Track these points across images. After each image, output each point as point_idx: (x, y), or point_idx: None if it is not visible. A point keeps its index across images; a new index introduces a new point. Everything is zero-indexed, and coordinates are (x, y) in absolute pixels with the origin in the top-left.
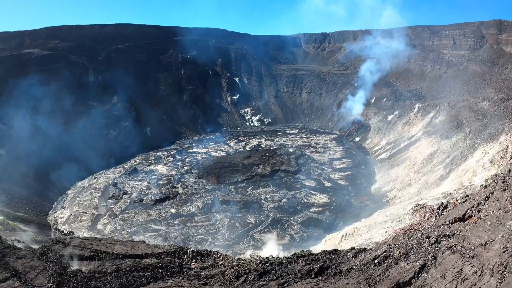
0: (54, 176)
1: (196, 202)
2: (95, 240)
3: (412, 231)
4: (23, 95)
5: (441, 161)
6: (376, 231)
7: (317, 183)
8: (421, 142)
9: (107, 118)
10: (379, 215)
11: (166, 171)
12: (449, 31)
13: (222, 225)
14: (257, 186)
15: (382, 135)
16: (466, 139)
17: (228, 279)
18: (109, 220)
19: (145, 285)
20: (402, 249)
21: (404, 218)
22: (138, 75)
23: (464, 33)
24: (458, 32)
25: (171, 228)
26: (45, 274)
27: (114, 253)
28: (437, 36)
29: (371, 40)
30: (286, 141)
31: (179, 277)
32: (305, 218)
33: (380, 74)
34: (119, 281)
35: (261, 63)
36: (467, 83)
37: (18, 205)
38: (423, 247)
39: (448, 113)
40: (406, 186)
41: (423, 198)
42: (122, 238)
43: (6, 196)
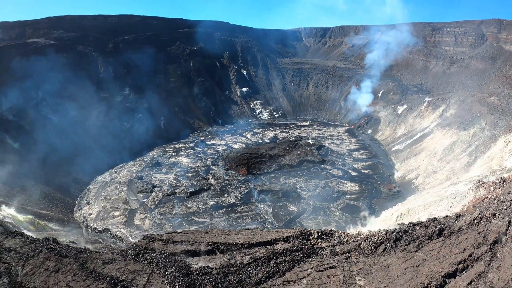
0: (72, 170)
1: (233, 193)
2: (196, 233)
3: (487, 199)
4: (32, 86)
5: (463, 150)
6: (435, 209)
7: (343, 172)
8: (435, 133)
9: (120, 110)
10: (419, 198)
11: (190, 163)
12: (450, 29)
13: (267, 214)
14: (288, 176)
15: (393, 128)
16: (484, 130)
17: (368, 250)
18: (146, 214)
19: (290, 270)
20: (489, 211)
21: (469, 193)
22: (147, 67)
23: (465, 31)
24: (459, 29)
25: (215, 219)
26: (160, 278)
27: (238, 243)
28: (438, 33)
29: (373, 35)
30: (301, 133)
31: (317, 257)
32: (343, 205)
33: (384, 68)
34: (264, 270)
35: (266, 57)
36: (470, 79)
37: (41, 202)
38: (503, 208)
39: (459, 107)
40: (432, 173)
41: (458, 181)
42: (167, 232)
43: (26, 193)
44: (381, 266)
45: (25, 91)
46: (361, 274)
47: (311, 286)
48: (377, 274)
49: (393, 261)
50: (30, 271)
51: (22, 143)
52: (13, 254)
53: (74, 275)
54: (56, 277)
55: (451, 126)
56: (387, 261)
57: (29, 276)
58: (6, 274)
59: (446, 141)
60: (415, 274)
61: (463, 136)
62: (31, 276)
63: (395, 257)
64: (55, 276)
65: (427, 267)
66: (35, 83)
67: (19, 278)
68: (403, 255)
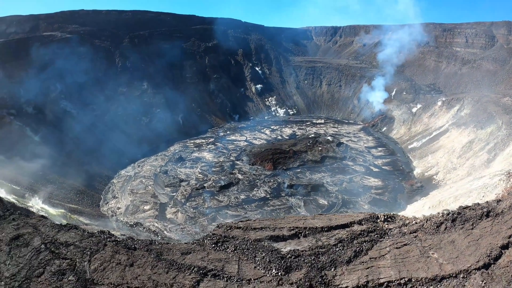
0: (94, 164)
1: (262, 187)
2: (272, 219)
3: None
4: (50, 79)
5: (481, 148)
6: (466, 199)
7: (365, 168)
8: (451, 132)
9: (138, 104)
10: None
11: (214, 158)
12: (461, 30)
13: (300, 207)
14: (312, 171)
15: (408, 126)
16: (501, 129)
17: (432, 229)
18: (177, 208)
19: (371, 248)
20: None
21: (500, 183)
22: (163, 62)
23: (476, 32)
24: (469, 31)
25: (249, 212)
26: (251, 264)
27: (318, 227)
28: (449, 34)
29: (384, 35)
30: (318, 130)
31: (389, 237)
32: (370, 199)
33: (396, 67)
34: (350, 249)
35: (279, 55)
36: (481, 80)
37: (68, 196)
38: None
39: (474, 107)
40: (452, 170)
41: (481, 176)
42: (241, 220)
43: (52, 186)
44: (447, 241)
45: (43, 83)
46: (433, 249)
47: (395, 260)
48: (446, 248)
49: (456, 237)
50: (100, 266)
51: (42, 136)
52: (72, 248)
53: (152, 268)
54: (132, 271)
55: (467, 125)
56: (451, 237)
57: (100, 272)
58: (71, 271)
59: (464, 139)
60: (477, 246)
61: (481, 134)
62: (103, 271)
63: (457, 234)
64: (131, 270)
65: (485, 241)
66: (53, 76)
67: (89, 275)
68: (463, 232)
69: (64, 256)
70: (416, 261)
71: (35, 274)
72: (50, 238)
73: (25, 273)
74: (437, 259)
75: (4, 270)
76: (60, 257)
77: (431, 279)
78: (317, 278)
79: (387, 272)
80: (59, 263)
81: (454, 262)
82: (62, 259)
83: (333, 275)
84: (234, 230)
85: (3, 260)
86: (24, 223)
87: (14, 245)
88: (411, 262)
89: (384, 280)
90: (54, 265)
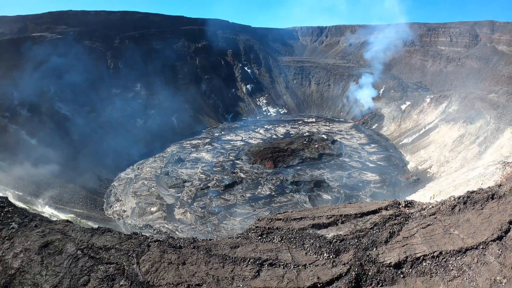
0: (93, 167)
1: (266, 185)
2: (307, 210)
3: None
4: (43, 80)
5: (472, 141)
6: (465, 188)
7: (361, 164)
8: (441, 128)
9: (132, 106)
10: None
11: (213, 158)
12: (445, 29)
13: (305, 202)
14: (312, 168)
15: (398, 123)
16: (489, 123)
17: (448, 211)
18: (185, 208)
19: (401, 230)
20: None
21: (496, 171)
22: (154, 63)
23: (460, 32)
24: (453, 30)
25: (257, 210)
26: (301, 251)
27: (352, 214)
28: (434, 33)
29: (369, 34)
30: (311, 128)
31: (412, 219)
32: (370, 192)
33: (383, 66)
34: (385, 231)
35: (268, 55)
36: (466, 78)
37: (71, 200)
38: None
39: (461, 103)
40: (445, 163)
41: (475, 167)
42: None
43: (53, 191)
44: (463, 220)
45: (36, 85)
46: (452, 227)
47: (424, 238)
48: (463, 226)
49: (470, 216)
50: (151, 267)
51: (39, 140)
52: (114, 252)
53: (206, 264)
54: (187, 269)
55: (456, 120)
56: (466, 216)
57: (153, 274)
58: (121, 276)
59: (454, 134)
60: (489, 223)
61: (471, 129)
62: (156, 273)
63: (470, 213)
64: (186, 268)
65: (495, 218)
66: (46, 77)
67: (141, 278)
68: (475, 212)
69: (107, 261)
70: (441, 237)
71: (80, 282)
72: (86, 243)
73: (68, 282)
74: (458, 235)
75: (42, 281)
76: (104, 262)
77: (457, 251)
78: (364, 257)
79: (421, 248)
80: (105, 268)
81: (472, 236)
82: (106, 264)
83: (376, 254)
84: (276, 222)
85: (38, 271)
86: (50, 230)
87: (45, 253)
88: (437, 238)
89: (420, 254)
90: (99, 271)
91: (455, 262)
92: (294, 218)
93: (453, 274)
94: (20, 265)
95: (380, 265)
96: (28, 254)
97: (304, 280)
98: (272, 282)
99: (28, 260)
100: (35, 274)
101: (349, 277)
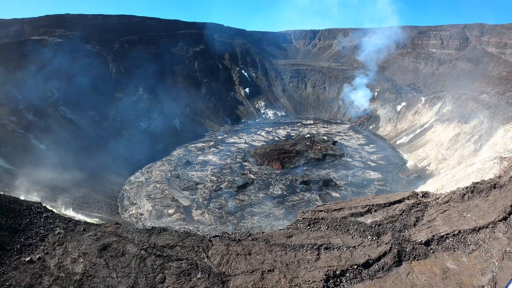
0: (102, 171)
1: (277, 185)
2: (343, 202)
3: None
4: (46, 84)
5: (467, 140)
6: (466, 182)
7: (363, 163)
8: (436, 127)
9: (136, 110)
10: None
11: (221, 161)
12: (436, 32)
13: (317, 200)
14: (317, 168)
15: (394, 124)
16: (483, 123)
17: (458, 199)
18: (202, 210)
19: (424, 215)
20: None
21: (494, 166)
22: (155, 67)
23: (450, 34)
24: (444, 33)
25: (273, 208)
26: (348, 236)
27: (381, 203)
28: (425, 36)
29: (362, 37)
30: (310, 130)
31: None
32: (375, 190)
33: (377, 69)
34: (412, 216)
35: (264, 58)
36: (458, 79)
37: (88, 205)
38: None
39: (455, 104)
40: (443, 160)
41: (472, 163)
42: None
43: (69, 195)
44: (472, 206)
45: (39, 89)
46: (465, 211)
47: (444, 221)
48: (473, 210)
49: (478, 202)
50: (222, 259)
51: (48, 145)
52: (180, 249)
53: (270, 252)
54: (255, 258)
55: (450, 120)
56: (474, 203)
57: (225, 265)
58: (196, 270)
59: (450, 133)
60: (495, 207)
61: (465, 128)
62: (228, 264)
63: (477, 200)
64: (253, 257)
65: (499, 203)
66: (49, 81)
67: (216, 270)
68: (481, 199)
69: (176, 258)
70: (457, 220)
71: (157, 280)
72: (147, 243)
73: (143, 282)
74: (471, 217)
75: (116, 283)
76: (173, 259)
77: (472, 229)
78: (400, 238)
79: (443, 228)
80: (177, 264)
81: (483, 218)
82: (176, 260)
83: (409, 234)
84: (319, 213)
85: (106, 273)
86: (102, 233)
87: (107, 256)
88: (454, 220)
89: (443, 233)
90: (172, 267)
91: (472, 238)
92: (334, 209)
93: (472, 247)
94: (84, 269)
95: (413, 243)
96: (89, 258)
97: (357, 258)
98: (332, 262)
99: (91, 264)
100: (104, 277)
101: (392, 253)
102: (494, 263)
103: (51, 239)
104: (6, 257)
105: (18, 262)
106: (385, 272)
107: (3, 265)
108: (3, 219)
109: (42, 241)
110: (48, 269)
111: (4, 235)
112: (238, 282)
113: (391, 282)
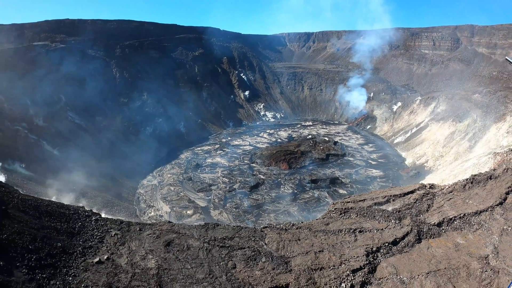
0: (115, 175)
1: (287, 184)
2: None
3: (505, 161)
4: (53, 90)
5: (462, 138)
6: (463, 176)
7: (364, 162)
8: (431, 126)
9: (141, 115)
10: (440, 174)
11: (230, 163)
12: (428, 33)
13: (326, 197)
14: (322, 167)
15: (391, 124)
16: (476, 121)
17: (461, 188)
18: (220, 210)
19: (433, 203)
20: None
21: (489, 161)
22: (157, 72)
23: (442, 36)
24: (436, 34)
25: (286, 206)
26: (374, 221)
27: (397, 194)
28: (418, 38)
29: (356, 39)
30: (310, 131)
31: (437, 196)
32: (379, 186)
33: (372, 70)
34: (425, 203)
35: (261, 61)
36: (450, 79)
37: (107, 208)
38: None
39: (448, 104)
40: (440, 157)
41: (468, 159)
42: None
43: (91, 200)
44: (473, 194)
45: (47, 94)
46: (467, 199)
47: (450, 207)
48: (474, 197)
49: (478, 191)
50: (279, 245)
51: (60, 150)
52: (238, 240)
53: (315, 237)
54: (305, 242)
55: (445, 119)
56: (474, 191)
57: (283, 250)
58: (260, 255)
59: (445, 131)
60: (492, 194)
61: (460, 127)
62: (284, 249)
63: (477, 189)
64: (303, 242)
65: (495, 191)
66: (56, 87)
67: (276, 254)
68: (480, 188)
69: (238, 247)
70: (462, 205)
71: (229, 266)
72: (207, 237)
73: (218, 269)
74: (473, 203)
75: (193, 272)
76: (236, 249)
77: (474, 213)
78: (418, 220)
79: (451, 212)
80: (242, 252)
81: (482, 203)
82: (239, 249)
83: (424, 218)
84: (347, 204)
85: (182, 266)
86: (159, 231)
87: (174, 251)
88: (459, 205)
89: (451, 216)
90: (237, 255)
91: (475, 219)
92: (359, 200)
93: (475, 227)
94: (157, 264)
95: (428, 225)
96: (157, 254)
97: (386, 237)
98: (368, 241)
99: (161, 259)
100: (180, 269)
101: (413, 233)
102: (495, 238)
103: (109, 240)
104: (71, 260)
105: (86, 264)
106: (409, 247)
107: (71, 268)
108: (58, 224)
109: (101, 243)
110: (121, 267)
111: (63, 239)
112: (298, 261)
113: (416, 255)
